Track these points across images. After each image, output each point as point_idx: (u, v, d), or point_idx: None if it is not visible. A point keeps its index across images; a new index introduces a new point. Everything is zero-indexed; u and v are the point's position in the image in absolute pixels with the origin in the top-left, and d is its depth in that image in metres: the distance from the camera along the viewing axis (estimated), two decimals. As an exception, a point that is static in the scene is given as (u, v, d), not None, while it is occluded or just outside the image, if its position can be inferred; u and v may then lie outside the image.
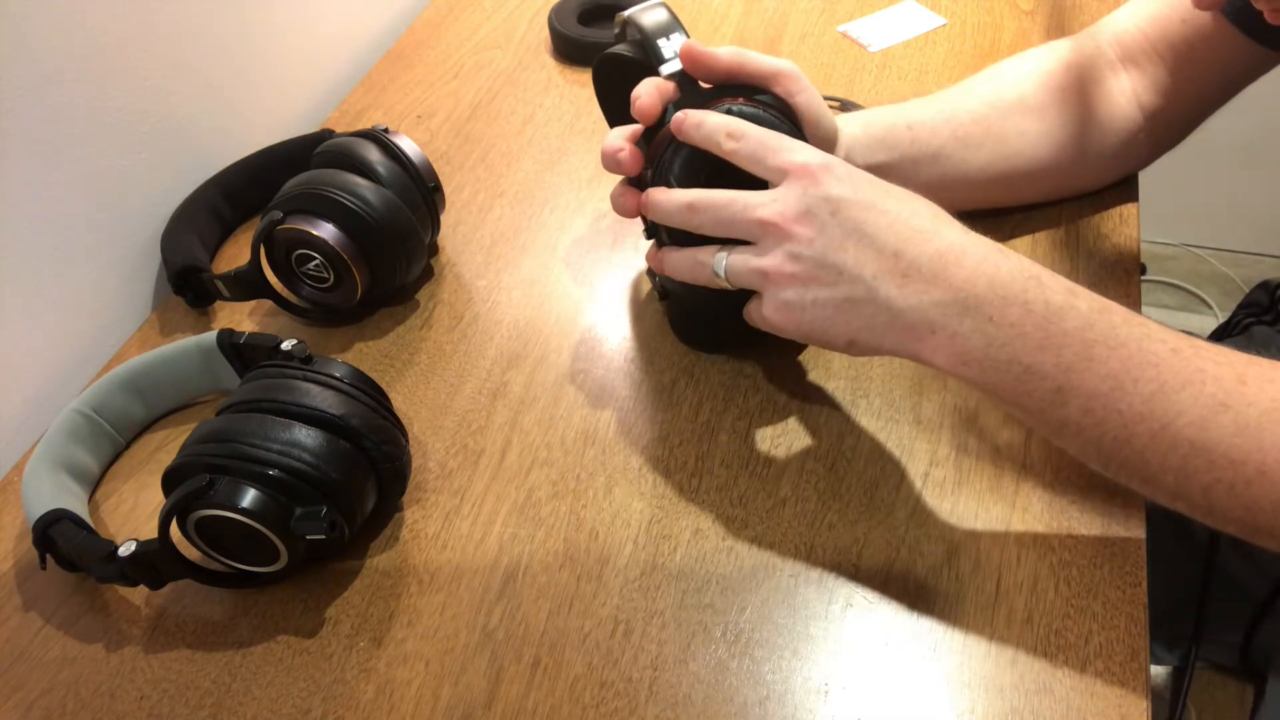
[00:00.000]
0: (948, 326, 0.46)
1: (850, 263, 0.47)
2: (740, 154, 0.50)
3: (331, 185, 0.64)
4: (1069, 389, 0.44)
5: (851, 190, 0.48)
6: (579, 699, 0.48)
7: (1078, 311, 0.45)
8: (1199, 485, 0.43)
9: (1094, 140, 0.66)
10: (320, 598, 0.54)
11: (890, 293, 0.47)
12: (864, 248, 0.47)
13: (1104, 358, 0.44)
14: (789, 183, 0.49)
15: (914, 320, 0.47)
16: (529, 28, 0.97)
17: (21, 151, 0.62)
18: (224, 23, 0.78)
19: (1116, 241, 0.69)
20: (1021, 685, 0.47)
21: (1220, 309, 1.76)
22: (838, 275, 0.47)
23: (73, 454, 0.58)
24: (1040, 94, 0.65)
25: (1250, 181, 1.65)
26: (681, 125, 0.52)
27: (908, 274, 0.46)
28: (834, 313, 0.48)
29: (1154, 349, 0.44)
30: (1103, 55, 0.67)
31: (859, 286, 0.47)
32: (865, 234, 0.47)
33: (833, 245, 0.47)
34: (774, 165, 0.49)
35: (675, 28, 0.55)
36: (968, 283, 0.46)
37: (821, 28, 0.93)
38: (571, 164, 0.81)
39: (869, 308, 0.47)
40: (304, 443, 0.50)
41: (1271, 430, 0.42)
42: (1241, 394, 0.43)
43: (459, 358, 0.66)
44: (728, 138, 0.50)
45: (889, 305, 0.47)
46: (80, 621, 0.54)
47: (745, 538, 0.54)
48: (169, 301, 0.72)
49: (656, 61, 0.55)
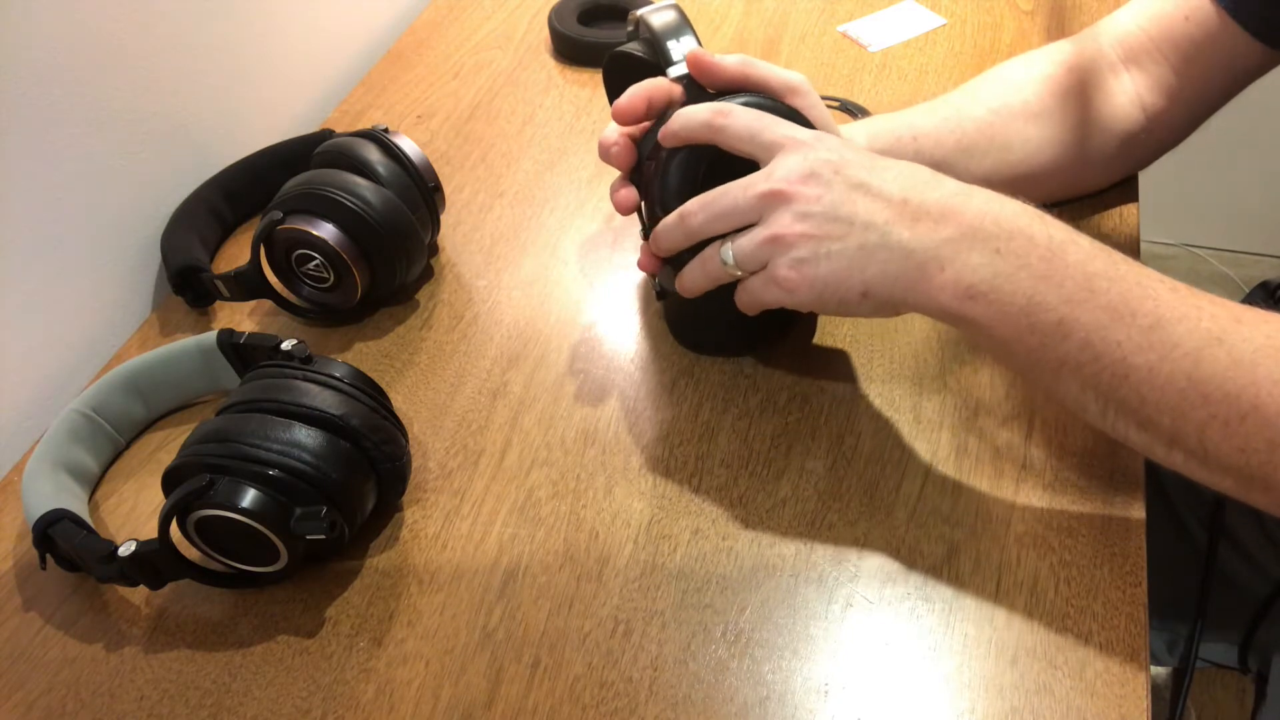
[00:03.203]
0: (957, 260, 0.47)
1: (861, 213, 0.48)
2: (729, 130, 0.50)
3: (331, 185, 0.64)
4: (1070, 320, 0.45)
5: (851, 153, 0.49)
6: (579, 699, 0.48)
7: (1079, 246, 0.46)
8: (1194, 424, 0.43)
9: (1096, 143, 0.66)
10: (320, 598, 0.54)
11: (902, 235, 0.47)
12: (872, 198, 0.48)
13: (1104, 289, 0.45)
14: (785, 153, 0.49)
15: (925, 259, 0.47)
16: (529, 28, 0.97)
17: (21, 151, 0.62)
18: (224, 23, 0.78)
19: (1116, 241, 0.69)
20: (1021, 685, 0.47)
21: (1220, 309, 1.75)
22: (849, 226, 0.48)
23: (73, 454, 0.58)
24: (1043, 98, 0.65)
25: (1250, 181, 1.65)
26: (666, 131, 0.52)
27: (918, 216, 0.47)
28: (848, 263, 0.48)
29: (1153, 285, 0.45)
30: (1105, 56, 0.67)
31: (872, 233, 0.48)
32: (871, 186, 0.48)
33: (841, 199, 0.48)
34: (767, 140, 0.50)
35: (686, 30, 0.55)
36: (975, 218, 0.47)
37: (821, 28, 0.93)
38: (571, 164, 0.81)
39: (883, 253, 0.48)
40: (304, 443, 0.50)
41: (1265, 365, 0.42)
42: (1237, 330, 0.43)
43: (459, 358, 0.66)
44: (716, 115, 0.50)
45: (902, 246, 0.47)
46: (80, 621, 0.54)
47: (745, 538, 0.54)
48: (169, 301, 0.72)
49: (665, 63, 0.55)
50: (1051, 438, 0.57)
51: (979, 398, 0.60)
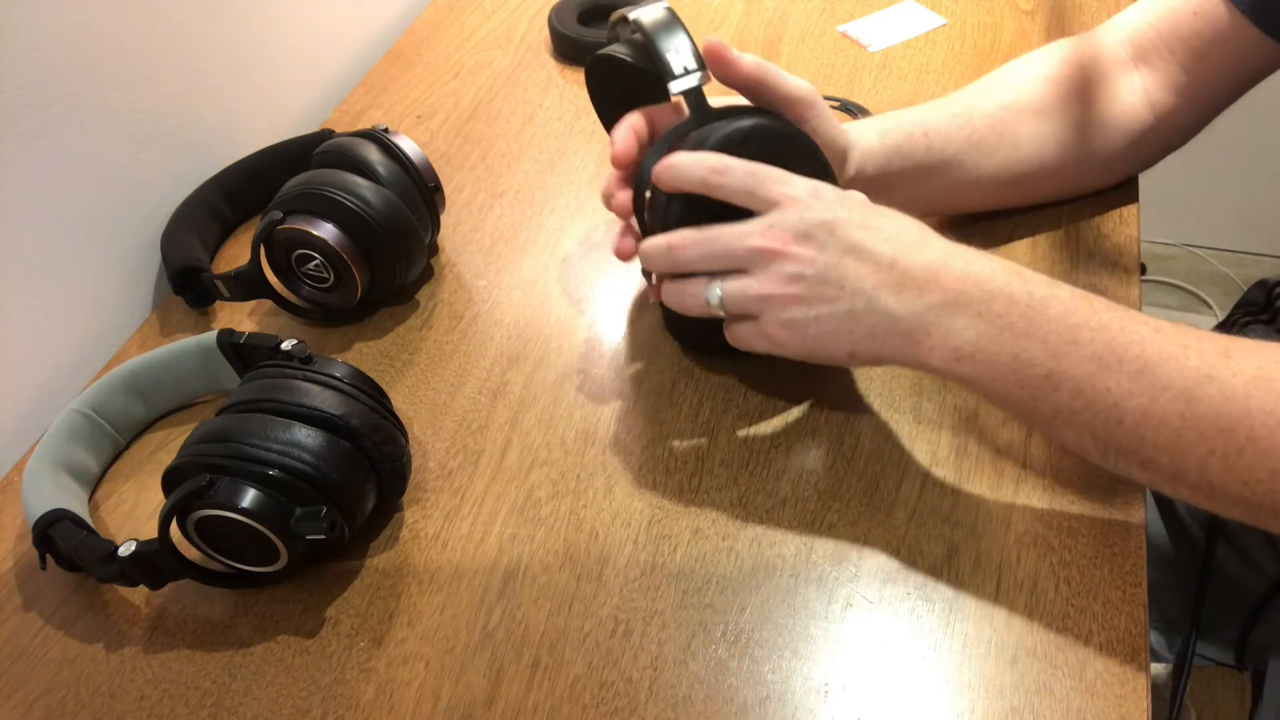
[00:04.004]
0: (941, 325, 0.48)
1: (850, 277, 0.49)
2: (728, 188, 0.51)
3: (331, 185, 0.64)
4: (1058, 374, 0.46)
5: (845, 211, 0.50)
6: (579, 699, 0.49)
7: (1059, 300, 0.47)
8: (1194, 460, 0.44)
9: (1103, 141, 0.66)
10: (320, 598, 0.54)
11: (889, 302, 0.49)
12: (862, 262, 0.49)
13: (1088, 340, 0.46)
14: (781, 209, 0.50)
15: (911, 325, 0.49)
16: (529, 28, 0.97)
17: (21, 151, 0.62)
18: (224, 23, 0.78)
19: (1116, 241, 0.69)
20: (1021, 685, 0.47)
21: (1220, 309, 1.76)
22: (839, 290, 0.49)
23: (73, 454, 0.58)
24: (1052, 96, 0.65)
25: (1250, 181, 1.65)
26: (659, 178, 0.53)
27: (902, 283, 0.49)
28: (837, 326, 0.50)
29: (1136, 329, 0.46)
30: (1114, 54, 0.67)
31: (860, 299, 0.49)
32: (863, 250, 0.49)
33: (833, 263, 0.49)
34: (765, 196, 0.50)
35: (685, 40, 0.54)
36: (956, 284, 0.48)
37: (821, 28, 0.93)
38: (571, 164, 0.81)
39: (870, 318, 0.49)
40: (304, 443, 0.50)
41: (1257, 397, 0.42)
42: (1226, 365, 0.44)
43: (459, 358, 0.66)
44: (713, 173, 0.51)
45: (888, 313, 0.49)
46: (80, 621, 0.54)
47: (745, 538, 0.54)
48: (169, 301, 0.72)
49: (666, 76, 0.53)
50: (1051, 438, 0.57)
51: (979, 398, 0.60)
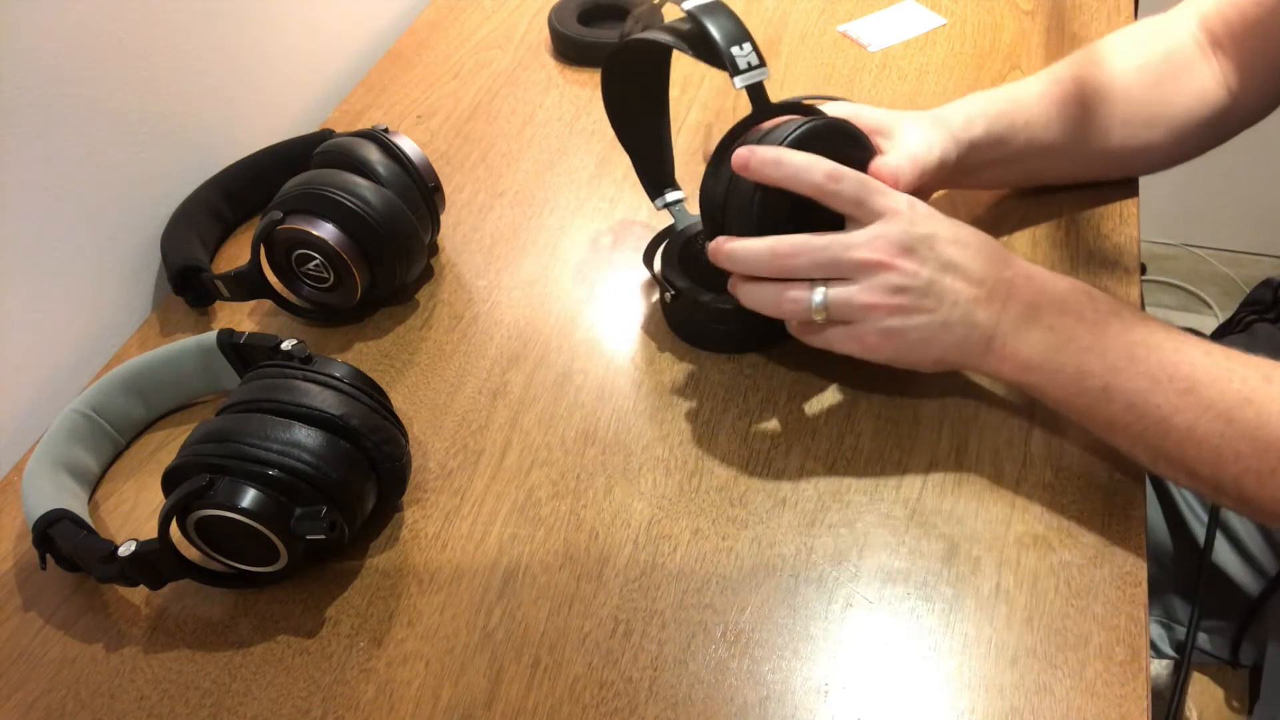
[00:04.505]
0: (1017, 336, 0.52)
1: (948, 291, 0.52)
2: (842, 195, 0.53)
3: (331, 185, 0.64)
4: (1114, 387, 0.50)
5: (939, 227, 0.53)
6: (579, 699, 0.48)
7: (1121, 319, 0.51)
8: (1230, 475, 0.48)
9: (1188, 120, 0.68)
10: (320, 598, 0.54)
11: (979, 314, 0.53)
12: (957, 277, 0.53)
13: (1143, 358, 0.50)
14: (885, 221, 0.52)
15: (992, 334, 0.53)
16: (529, 28, 0.97)
17: (21, 151, 0.62)
18: (224, 23, 0.78)
19: (1116, 241, 0.69)
20: (1021, 685, 0.47)
21: (1220, 309, 1.76)
22: (938, 302, 0.52)
23: (73, 454, 0.58)
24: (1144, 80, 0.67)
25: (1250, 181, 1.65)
26: (749, 164, 0.53)
27: (990, 298, 0.53)
28: (932, 335, 0.53)
29: (1188, 351, 0.50)
30: (1194, 39, 0.68)
31: (956, 310, 0.52)
32: (957, 265, 0.53)
33: (934, 277, 0.52)
34: (874, 206, 0.53)
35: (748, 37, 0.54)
36: (1032, 298, 0.52)
37: (821, 28, 0.93)
38: (571, 164, 0.81)
39: (961, 328, 0.53)
40: (304, 443, 0.50)
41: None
42: (1265, 390, 0.48)
43: (459, 358, 0.66)
44: (828, 179, 0.52)
45: (978, 325, 0.53)
46: (80, 621, 0.54)
47: (745, 538, 0.54)
48: (169, 301, 0.72)
49: (732, 71, 0.54)
50: (1051, 437, 0.57)
51: (979, 398, 0.60)
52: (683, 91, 0.86)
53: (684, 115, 0.84)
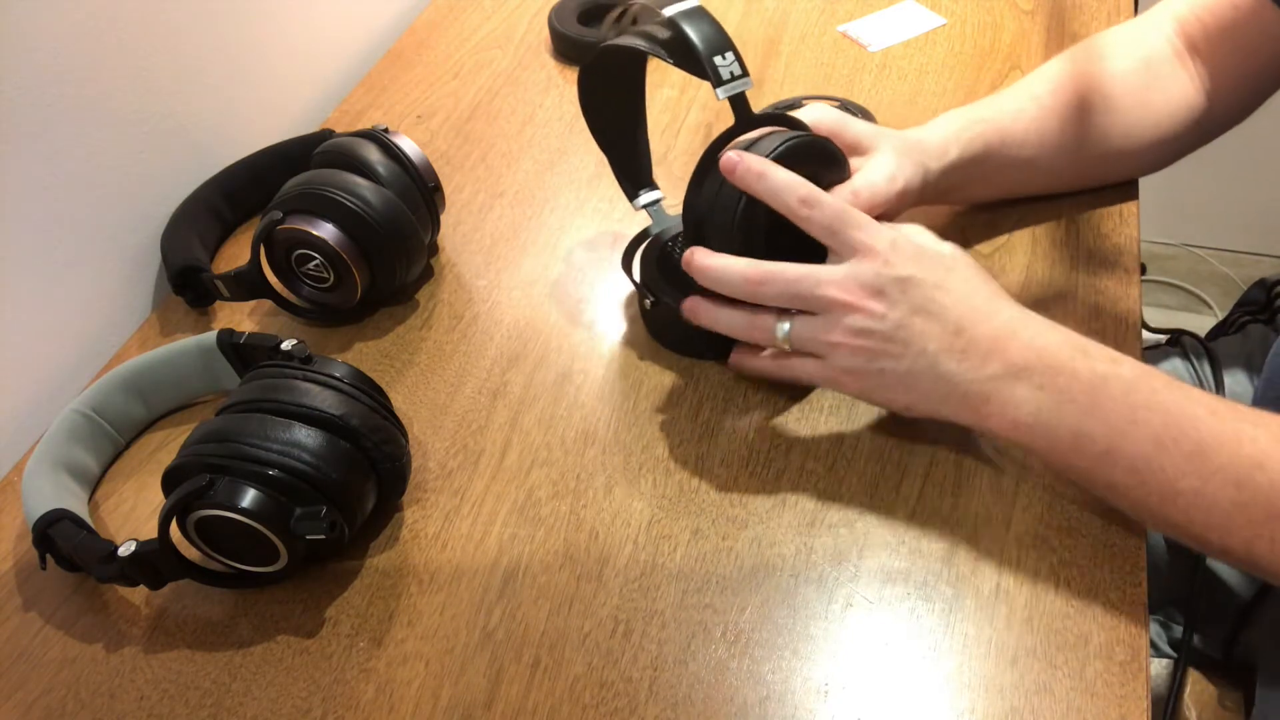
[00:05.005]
0: (1001, 394, 0.49)
1: (916, 337, 0.50)
2: (814, 223, 0.52)
3: (331, 185, 0.64)
4: (1116, 451, 0.47)
5: (919, 269, 0.51)
6: (579, 699, 0.48)
7: (1121, 378, 0.48)
8: (1240, 540, 0.46)
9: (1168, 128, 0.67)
10: (320, 598, 0.54)
11: (950, 367, 0.50)
12: (930, 323, 0.50)
13: (1146, 420, 0.47)
14: (859, 259, 0.51)
15: (970, 391, 0.50)
16: (529, 28, 0.97)
17: (21, 151, 0.62)
18: (224, 23, 0.78)
19: (1116, 241, 0.69)
20: (1021, 685, 0.47)
21: (1220, 309, 1.76)
22: (904, 348, 0.51)
23: (73, 454, 0.58)
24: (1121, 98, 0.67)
25: (1250, 181, 1.65)
26: (736, 169, 0.53)
27: (966, 350, 0.50)
28: (896, 381, 0.51)
29: (1194, 411, 0.47)
30: (1172, 45, 0.68)
31: (922, 360, 0.50)
32: (931, 311, 0.51)
33: (902, 321, 0.51)
34: (847, 240, 0.52)
35: (730, 46, 0.53)
36: (1020, 356, 0.49)
37: (821, 28, 0.93)
38: (571, 164, 0.81)
39: (928, 380, 0.51)
40: (304, 443, 0.50)
41: None
42: (1277, 454, 0.45)
43: (459, 358, 0.66)
44: (801, 204, 0.52)
45: (949, 378, 0.50)
46: (80, 621, 0.54)
47: (745, 538, 0.54)
48: (169, 301, 0.72)
49: (715, 82, 0.53)
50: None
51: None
52: (682, 92, 0.86)
53: (684, 115, 0.84)
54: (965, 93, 0.83)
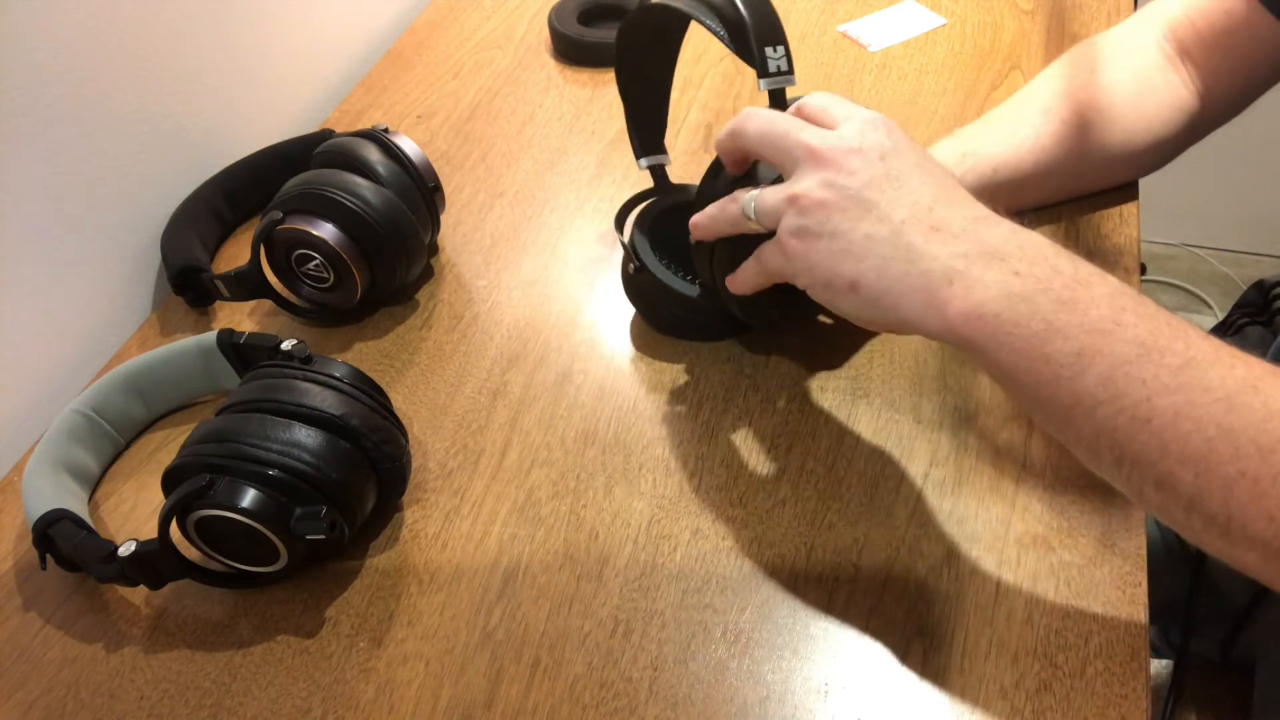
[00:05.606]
0: (969, 274, 0.44)
1: (884, 203, 0.46)
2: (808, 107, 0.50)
3: (331, 185, 0.64)
4: (1092, 351, 0.41)
5: (906, 145, 0.48)
6: (579, 699, 0.48)
7: (1107, 281, 0.44)
8: (1220, 481, 0.38)
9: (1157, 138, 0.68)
10: (320, 598, 0.54)
11: (914, 239, 0.45)
12: (902, 193, 0.46)
13: (1132, 324, 0.41)
14: (849, 123, 0.49)
15: (931, 268, 0.44)
16: (529, 28, 0.97)
17: (21, 151, 0.62)
18: (224, 23, 0.78)
19: (1116, 241, 0.69)
20: (1021, 685, 0.47)
21: (1220, 309, 1.76)
22: (866, 212, 0.46)
23: (73, 454, 0.58)
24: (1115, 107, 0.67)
25: (1250, 181, 1.65)
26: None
27: (937, 226, 0.45)
28: (847, 247, 0.46)
29: (1184, 326, 0.42)
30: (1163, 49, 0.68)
31: (883, 226, 0.46)
32: (907, 182, 0.47)
33: (873, 183, 0.46)
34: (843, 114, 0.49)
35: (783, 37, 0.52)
36: (998, 241, 0.44)
37: (821, 28, 0.93)
38: (571, 164, 0.81)
39: (887, 248, 0.45)
40: (304, 443, 0.50)
41: None
42: (1274, 381, 0.39)
43: (459, 358, 0.66)
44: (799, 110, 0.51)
45: (910, 250, 0.45)
46: (80, 621, 0.54)
47: (745, 538, 0.54)
48: (169, 301, 0.72)
49: (760, 72, 0.52)
50: (1052, 438, 0.57)
51: (979, 398, 0.60)
52: (682, 93, 0.86)
53: (684, 115, 0.84)
54: (965, 93, 0.83)
